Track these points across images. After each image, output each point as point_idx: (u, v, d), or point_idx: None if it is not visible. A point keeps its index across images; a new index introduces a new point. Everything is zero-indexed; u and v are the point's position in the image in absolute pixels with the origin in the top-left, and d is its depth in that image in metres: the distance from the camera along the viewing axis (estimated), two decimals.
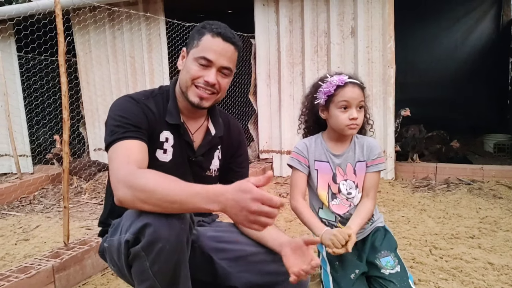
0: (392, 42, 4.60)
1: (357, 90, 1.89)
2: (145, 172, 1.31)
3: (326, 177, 2.00)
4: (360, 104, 1.90)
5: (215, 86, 1.55)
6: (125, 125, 1.47)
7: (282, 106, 5.26)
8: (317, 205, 2.06)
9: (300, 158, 2.04)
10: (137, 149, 1.44)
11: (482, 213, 3.47)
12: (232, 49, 1.57)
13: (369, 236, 2.05)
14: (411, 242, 2.89)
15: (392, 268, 1.91)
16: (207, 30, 1.54)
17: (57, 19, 2.51)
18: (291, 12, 5.08)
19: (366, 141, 2.04)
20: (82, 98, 6.15)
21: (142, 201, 1.25)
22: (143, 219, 1.27)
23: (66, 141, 2.55)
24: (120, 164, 1.37)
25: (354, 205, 1.98)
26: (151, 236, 1.26)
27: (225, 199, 1.16)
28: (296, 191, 2.04)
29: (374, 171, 2.01)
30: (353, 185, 1.99)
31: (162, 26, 5.52)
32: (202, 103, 1.56)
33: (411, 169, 4.87)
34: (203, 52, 1.52)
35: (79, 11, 5.69)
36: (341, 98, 1.87)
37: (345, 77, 1.90)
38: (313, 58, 5.03)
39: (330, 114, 1.93)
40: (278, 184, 4.93)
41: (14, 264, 2.78)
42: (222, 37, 1.53)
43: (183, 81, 1.58)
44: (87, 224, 3.67)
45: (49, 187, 5.27)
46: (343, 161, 1.99)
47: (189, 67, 1.55)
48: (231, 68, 1.58)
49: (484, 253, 2.67)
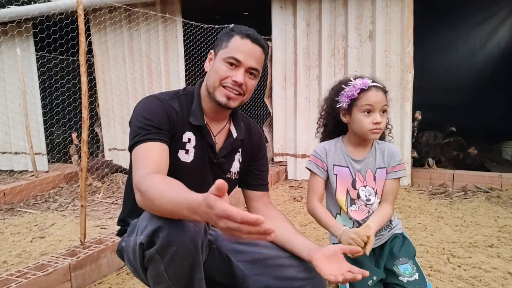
0: (410, 47, 4.56)
1: (380, 94, 1.86)
2: (152, 179, 1.31)
3: (345, 183, 1.97)
4: (383, 108, 1.87)
5: (242, 87, 1.56)
6: (147, 127, 1.48)
7: (297, 109, 5.24)
8: (335, 211, 2.03)
9: (318, 162, 2.02)
10: (157, 151, 1.45)
11: (500, 221, 3.41)
12: (260, 51, 1.59)
13: (387, 242, 2.02)
14: (428, 249, 2.85)
15: (411, 276, 1.87)
16: (236, 33, 1.57)
17: (79, 19, 2.53)
18: (308, 15, 5.06)
19: (387, 147, 2.01)
20: (98, 97, 6.20)
21: (148, 207, 1.30)
22: (157, 222, 1.28)
23: (85, 140, 2.57)
24: (138, 168, 1.40)
25: (372, 212, 1.96)
26: (165, 239, 1.26)
27: (201, 212, 1.06)
28: (313, 195, 2.02)
29: (394, 178, 1.98)
30: (372, 192, 1.96)
31: (179, 27, 5.55)
32: (229, 103, 1.57)
33: (428, 176, 4.81)
34: (232, 53, 1.54)
35: (99, 11, 5.75)
36: (365, 102, 1.84)
37: (368, 81, 1.87)
38: (330, 61, 5.00)
39: (352, 118, 1.90)
40: (292, 187, 4.91)
41: (30, 261, 2.80)
42: (250, 39, 1.56)
43: (210, 82, 1.59)
44: (101, 223, 3.69)
45: (65, 186, 5.32)
46: (363, 167, 1.96)
47: (217, 68, 1.57)
48: (258, 69, 1.60)
49: (504, 262, 2.62)
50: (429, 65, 7.76)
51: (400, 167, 1.98)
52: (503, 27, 7.92)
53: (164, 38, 5.67)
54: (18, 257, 2.99)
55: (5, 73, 6.27)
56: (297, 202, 4.22)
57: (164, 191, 1.22)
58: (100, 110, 6.25)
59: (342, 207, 1.97)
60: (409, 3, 4.53)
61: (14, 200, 4.60)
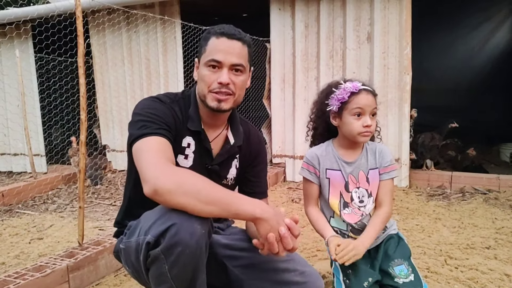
0: (408, 49, 4.57)
1: (370, 97, 1.86)
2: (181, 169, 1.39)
3: (338, 186, 1.98)
4: (373, 111, 1.87)
5: (230, 86, 1.53)
6: (158, 122, 1.47)
7: (296, 110, 5.25)
8: (328, 214, 2.03)
9: (311, 168, 2.02)
10: (169, 148, 1.45)
11: (498, 223, 3.41)
12: (240, 45, 1.54)
13: (382, 243, 2.02)
14: (425, 251, 2.85)
15: (406, 277, 1.87)
16: (211, 34, 1.54)
17: (78, 21, 2.53)
18: (307, 17, 5.08)
19: (377, 147, 2.01)
20: (97, 99, 6.21)
21: (184, 193, 1.26)
22: (166, 222, 1.27)
23: (83, 141, 2.57)
24: (156, 156, 1.36)
25: (366, 214, 1.95)
26: (172, 239, 1.26)
27: (266, 208, 1.32)
28: (308, 200, 2.05)
29: (387, 178, 1.98)
30: (365, 193, 1.96)
31: (177, 29, 5.56)
32: (221, 106, 1.55)
33: (426, 177, 4.82)
34: (211, 55, 1.52)
35: (97, 13, 5.75)
36: (355, 105, 1.84)
37: (358, 84, 1.87)
38: (328, 63, 5.01)
39: (343, 121, 1.91)
40: (291, 189, 4.92)
41: (28, 263, 2.81)
42: (226, 36, 1.52)
43: (200, 90, 1.59)
44: (100, 225, 3.69)
45: (63, 187, 5.32)
46: (355, 169, 1.97)
47: (202, 75, 1.55)
48: (242, 64, 1.55)
49: (501, 264, 2.62)
50: (427, 67, 7.77)
51: (392, 167, 1.98)
52: (501, 30, 7.93)
53: (163, 40, 5.68)
54: (16, 259, 2.98)
55: (4, 75, 6.27)
56: (295, 203, 4.23)
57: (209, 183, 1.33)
58: (99, 111, 6.25)
59: (335, 211, 1.98)
60: (407, 5, 4.55)
61: (13, 201, 4.60)
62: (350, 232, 1.96)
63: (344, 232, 1.97)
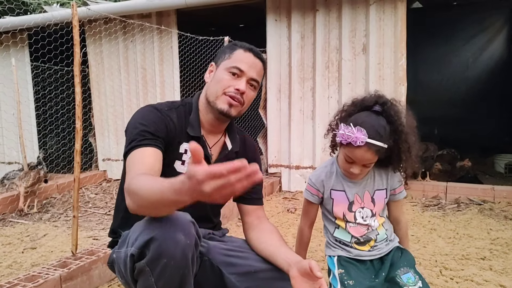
0: (404, 60, 4.60)
1: (369, 154, 1.73)
2: (142, 178, 1.28)
3: (341, 207, 1.96)
4: (367, 165, 1.81)
5: (243, 96, 1.61)
6: (144, 132, 1.50)
7: (292, 120, 5.26)
8: (332, 227, 2.02)
9: (313, 190, 2.01)
10: (152, 156, 1.47)
11: (493, 234, 3.42)
12: (261, 65, 1.68)
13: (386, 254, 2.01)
14: (421, 262, 2.85)
15: (414, 284, 1.86)
16: (239, 46, 1.67)
17: (74, 30, 2.54)
18: (303, 27, 5.11)
19: None
20: (93, 108, 6.20)
21: (136, 204, 1.24)
22: (148, 233, 1.27)
23: (78, 150, 2.57)
24: (131, 171, 1.40)
25: (372, 229, 1.94)
26: (156, 251, 1.26)
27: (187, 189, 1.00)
28: (305, 219, 2.07)
29: (399, 199, 2.00)
30: (369, 213, 1.94)
31: (174, 38, 5.58)
32: (230, 111, 1.61)
33: (421, 188, 4.82)
34: (236, 63, 1.62)
35: (94, 22, 5.77)
36: (350, 154, 1.77)
37: (364, 137, 1.70)
38: (324, 74, 5.04)
39: (340, 152, 1.90)
40: (286, 199, 4.91)
41: (21, 272, 2.77)
42: (253, 53, 1.66)
43: (212, 91, 1.63)
44: (94, 234, 3.67)
45: (57, 196, 5.29)
46: (361, 189, 1.94)
47: (220, 77, 1.62)
48: (258, 81, 1.67)
49: (496, 275, 2.62)
50: (422, 78, 7.83)
51: (401, 187, 1.99)
52: (496, 41, 8.01)
53: (160, 49, 5.70)
54: (9, 268, 2.95)
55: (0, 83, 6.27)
56: (291, 213, 4.21)
57: (151, 184, 1.19)
58: (95, 120, 6.25)
59: (341, 225, 1.97)
60: (402, 17, 4.59)
61: (6, 210, 4.56)
62: (353, 243, 1.94)
63: (346, 244, 1.95)
